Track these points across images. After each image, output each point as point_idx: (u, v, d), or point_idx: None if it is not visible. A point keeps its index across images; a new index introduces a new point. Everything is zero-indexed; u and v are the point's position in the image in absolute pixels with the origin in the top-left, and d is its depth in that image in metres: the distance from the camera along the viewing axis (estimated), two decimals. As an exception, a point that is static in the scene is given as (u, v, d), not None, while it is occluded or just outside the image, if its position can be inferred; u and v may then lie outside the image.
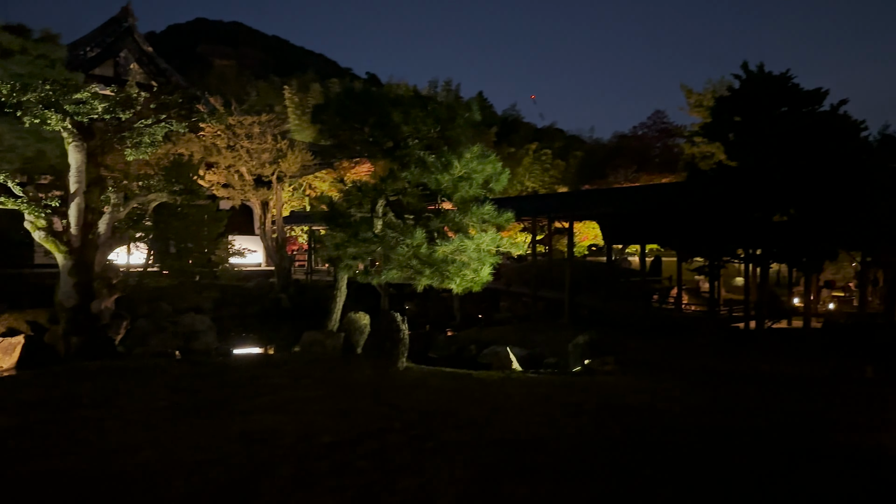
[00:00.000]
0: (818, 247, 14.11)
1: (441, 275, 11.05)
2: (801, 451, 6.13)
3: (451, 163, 10.86)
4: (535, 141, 53.02)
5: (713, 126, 15.13)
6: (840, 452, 6.12)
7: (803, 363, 11.15)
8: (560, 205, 21.18)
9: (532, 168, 51.53)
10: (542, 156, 52.10)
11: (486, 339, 16.48)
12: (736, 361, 12.53)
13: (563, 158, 54.85)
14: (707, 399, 8.84)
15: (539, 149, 51.93)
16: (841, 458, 5.95)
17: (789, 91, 14.25)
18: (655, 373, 11.18)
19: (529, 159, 51.27)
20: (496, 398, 8.32)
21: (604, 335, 16.40)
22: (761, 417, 7.76)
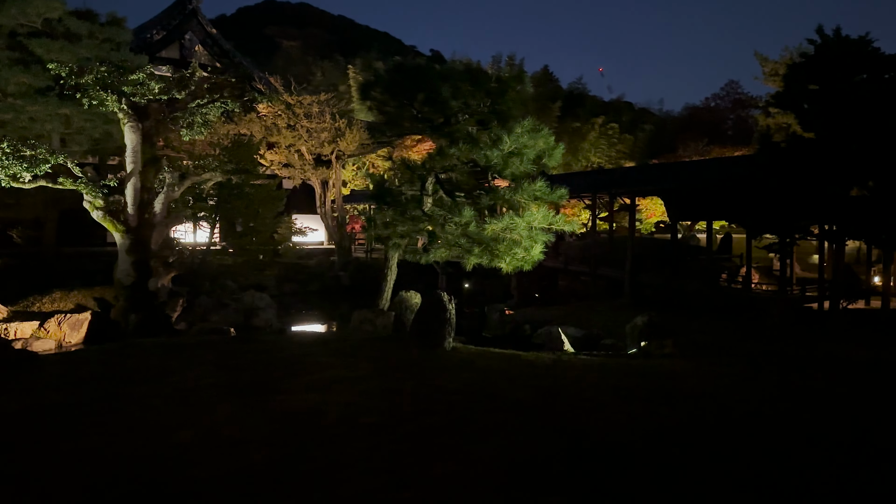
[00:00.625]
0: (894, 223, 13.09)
1: (490, 253, 10.82)
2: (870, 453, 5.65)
3: (501, 138, 10.54)
4: (602, 115, 51.74)
5: (786, 95, 14.16)
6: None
7: (879, 347, 10.38)
8: (621, 180, 20.47)
9: (598, 143, 50.35)
10: (609, 130, 50.83)
11: (542, 318, 16.17)
12: (806, 344, 11.82)
13: (631, 132, 53.34)
14: (770, 386, 8.33)
15: (605, 122, 50.67)
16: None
17: (869, 56, 13.15)
18: (718, 357, 10.65)
19: (595, 134, 50.09)
20: (543, 381, 8.07)
21: (665, 316, 15.87)
22: (827, 408, 7.24)
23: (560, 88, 62.40)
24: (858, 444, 5.78)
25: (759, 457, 5.27)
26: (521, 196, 11.32)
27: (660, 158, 45.08)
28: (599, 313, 16.80)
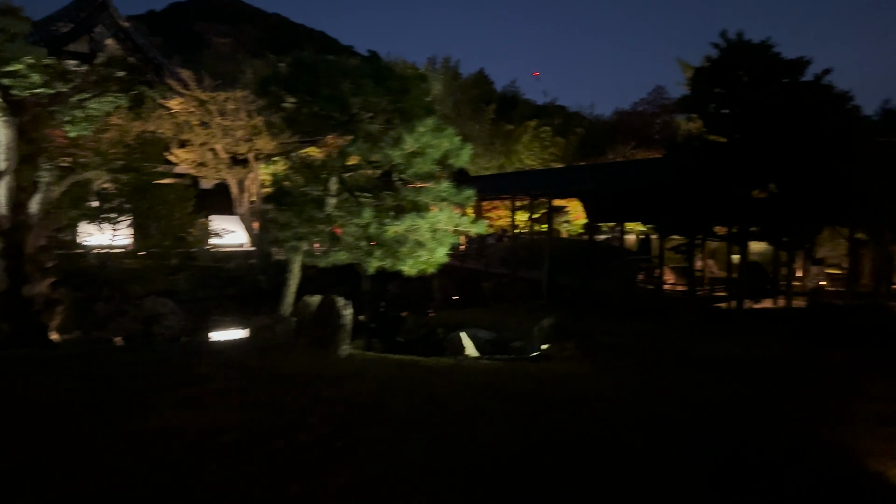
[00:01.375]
0: (799, 224, 13.45)
1: (393, 256, 10.49)
2: (743, 451, 5.60)
3: (402, 137, 10.22)
4: (535, 118, 52.15)
5: (693, 98, 14.39)
6: (784, 453, 5.60)
7: (776, 347, 10.59)
8: (540, 182, 20.50)
9: (531, 145, 50.77)
10: (542, 133, 51.30)
11: (457, 322, 15.94)
12: (709, 344, 11.98)
13: (564, 135, 54.00)
14: (663, 387, 8.30)
15: (538, 126, 51.14)
16: (783, 460, 5.43)
17: (769, 60, 13.48)
18: (620, 358, 10.64)
19: (529, 136, 50.52)
20: (434, 389, 7.79)
21: (579, 317, 15.95)
22: (716, 408, 7.24)
23: (495, 91, 62.73)
24: (726, 441, 5.72)
25: (632, 463, 5.12)
26: (426, 197, 11.04)
27: (589, 161, 45.88)
28: (515, 315, 16.70)
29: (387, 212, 10.97)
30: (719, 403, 7.52)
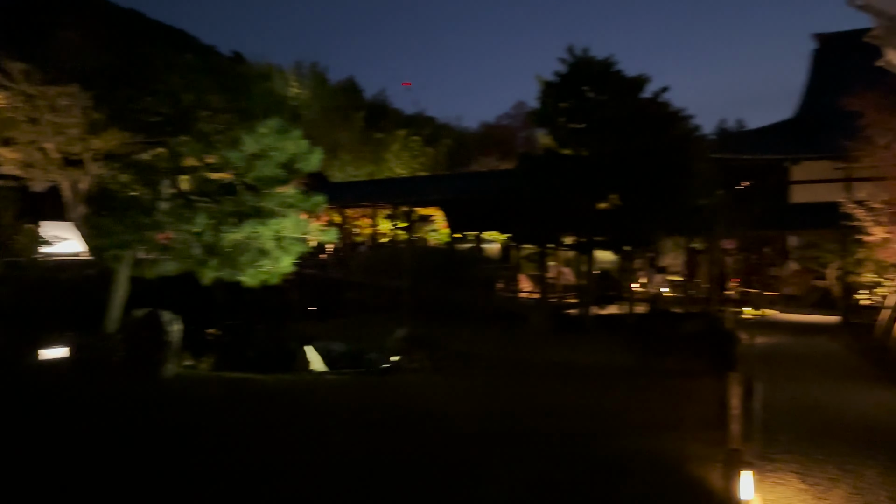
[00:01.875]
0: (638, 233, 14.16)
1: (231, 265, 9.76)
2: (575, 461, 5.57)
3: (241, 138, 9.55)
4: (405, 127, 52.18)
5: (542, 112, 14.79)
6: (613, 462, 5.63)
7: (616, 353, 10.98)
8: (401, 190, 20.32)
9: (401, 154, 50.67)
10: (412, 142, 51.36)
11: (314, 334, 15.29)
12: (557, 351, 12.22)
13: (433, 146, 54.41)
14: (508, 398, 8.26)
15: (408, 135, 51.18)
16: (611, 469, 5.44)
17: (612, 77, 14.15)
18: (470, 367, 10.56)
19: (398, 146, 50.38)
20: (265, 411, 7.23)
21: (435, 326, 15.82)
22: (556, 418, 7.24)
23: (364, 99, 62.22)
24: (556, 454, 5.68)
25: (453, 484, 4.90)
26: (270, 202, 10.40)
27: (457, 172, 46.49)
28: (375, 326, 16.29)
29: (227, 218, 10.19)
30: (560, 413, 7.55)
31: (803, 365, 10.90)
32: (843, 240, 16.48)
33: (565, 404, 7.94)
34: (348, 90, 57.33)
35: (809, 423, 7.16)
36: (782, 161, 24.92)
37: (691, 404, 7.74)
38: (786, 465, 5.81)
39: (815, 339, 13.79)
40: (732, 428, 6.17)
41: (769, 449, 6.23)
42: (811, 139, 22.58)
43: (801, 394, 8.56)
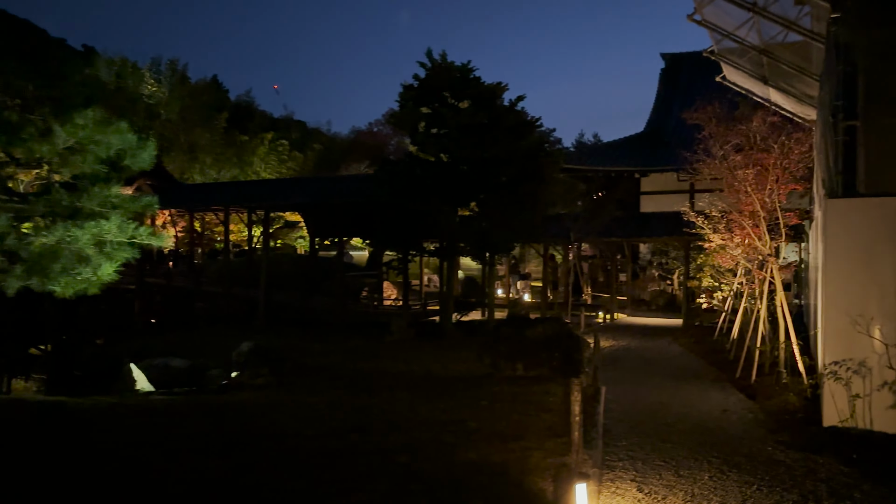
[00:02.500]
0: (495, 240, 14.20)
1: (40, 273, 8.50)
2: (416, 479, 5.17)
3: (53, 129, 8.35)
4: (273, 131, 50.33)
5: (401, 115, 14.49)
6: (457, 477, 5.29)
7: (471, 360, 10.81)
8: (258, 193, 19.24)
9: (268, 158, 48.79)
10: (279, 146, 49.61)
11: (154, 348, 14.00)
12: (414, 360, 11.90)
13: (302, 151, 52.87)
14: (354, 413, 7.76)
15: (275, 139, 49.38)
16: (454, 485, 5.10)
17: (471, 83, 14.12)
18: (320, 381, 9.95)
19: (265, 149, 48.47)
20: (77, 438, 6.25)
21: (291, 337, 15.07)
22: (403, 433, 6.84)
23: (229, 100, 59.50)
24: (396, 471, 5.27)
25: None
26: (90, 203, 9.21)
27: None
28: (225, 338, 15.19)
29: (36, 219, 8.93)
30: (407, 426, 7.16)
31: (647, 367, 11.30)
32: (686, 247, 17.55)
33: (414, 417, 7.57)
34: (211, 90, 54.56)
35: (650, 427, 7.25)
36: (633, 173, 26.42)
37: (538, 412, 7.64)
38: (625, 472, 5.75)
39: (660, 342, 14.48)
40: (573, 436, 6.04)
41: (610, 456, 6.18)
42: (658, 152, 24.05)
43: (643, 397, 8.75)
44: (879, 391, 6.13)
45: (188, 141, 43.19)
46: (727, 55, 11.74)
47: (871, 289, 6.23)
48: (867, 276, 6.27)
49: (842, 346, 6.35)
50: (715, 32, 10.56)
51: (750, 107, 13.05)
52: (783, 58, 10.14)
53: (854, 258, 6.37)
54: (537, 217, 15.19)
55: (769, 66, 11.05)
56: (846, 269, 6.41)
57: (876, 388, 6.15)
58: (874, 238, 6.27)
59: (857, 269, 6.34)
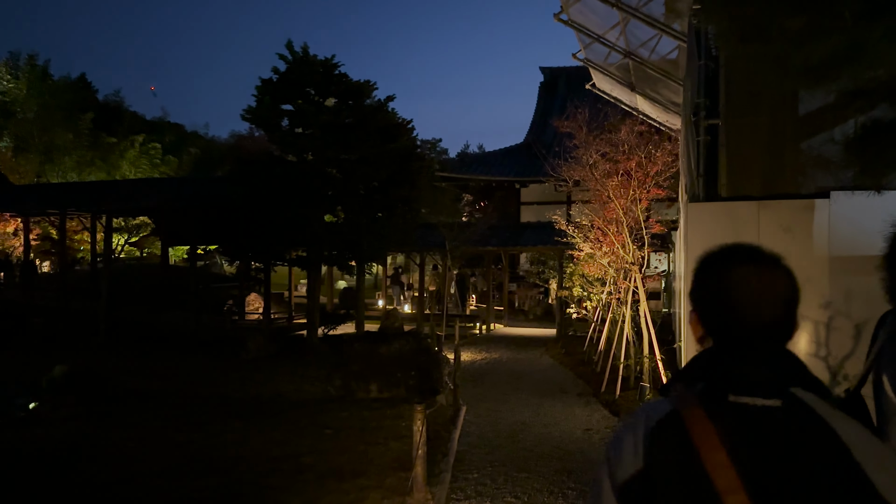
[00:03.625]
0: (363, 248, 13.25)
1: None
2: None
3: None
4: (144, 133, 46.78)
5: (257, 111, 13.22)
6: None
7: (326, 379, 9.75)
8: (97, 195, 17.11)
9: (139, 162, 45.29)
10: (151, 150, 46.19)
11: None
12: (265, 382, 10.68)
13: (177, 154, 49.57)
14: (172, 451, 6.54)
15: (147, 141, 45.94)
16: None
17: (337, 80, 13.12)
18: (142, 411, 8.54)
19: (135, 153, 44.97)
20: None
21: (132, 357, 13.38)
22: (213, 477, 5.72)
23: (96, 99, 55.00)
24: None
25: None
26: None
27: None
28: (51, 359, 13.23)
29: None
30: (234, 465, 6.06)
31: (515, 382, 10.74)
32: (559, 256, 17.40)
33: (241, 453, 6.46)
34: (76, 88, 50.18)
35: (507, 452, 6.56)
36: (513, 183, 26.39)
37: (387, 440, 6.76)
38: (471, 512, 4.97)
39: (532, 353, 14.07)
40: (415, 472, 5.20)
41: (456, 493, 5.39)
42: (536, 163, 24.09)
43: (506, 416, 8.10)
44: (741, 408, 5.75)
45: (45, 141, 39.33)
46: (595, 61, 11.52)
47: (732, 298, 5.85)
48: (728, 284, 5.89)
49: (704, 360, 5.92)
50: (582, 34, 10.25)
51: (619, 116, 13.01)
52: (649, 61, 9.95)
53: (715, 266, 5.98)
54: (409, 224, 14.39)
55: (635, 71, 10.89)
56: (708, 278, 6.01)
57: (737, 405, 5.76)
58: (735, 244, 5.91)
59: (718, 277, 5.94)
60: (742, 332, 1.13)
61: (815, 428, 1.04)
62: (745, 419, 1.05)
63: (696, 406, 1.08)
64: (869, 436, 1.07)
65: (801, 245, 5.76)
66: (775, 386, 1.08)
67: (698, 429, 1.05)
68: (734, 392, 1.08)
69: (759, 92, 5.79)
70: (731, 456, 1.01)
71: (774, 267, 1.17)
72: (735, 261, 1.20)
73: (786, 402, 1.06)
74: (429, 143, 47.03)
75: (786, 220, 5.80)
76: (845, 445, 1.02)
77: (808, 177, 5.82)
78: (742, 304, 1.13)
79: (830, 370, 5.65)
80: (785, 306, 1.14)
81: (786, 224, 5.79)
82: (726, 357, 1.13)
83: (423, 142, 46.01)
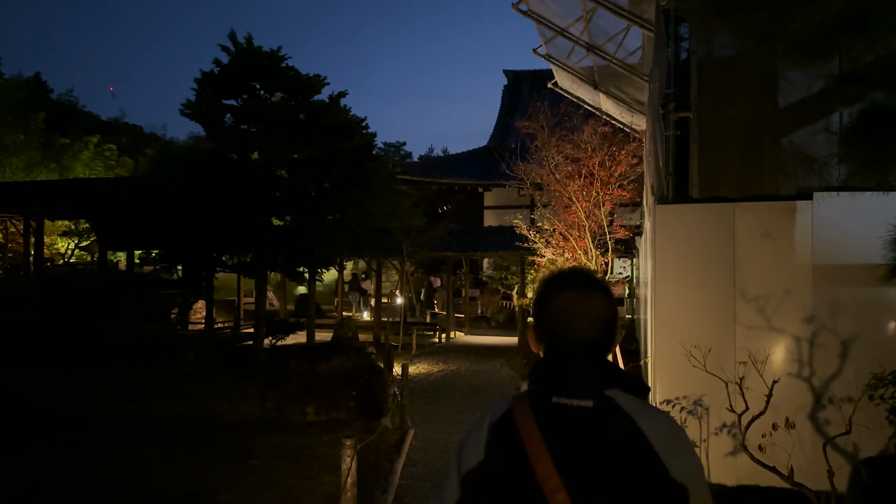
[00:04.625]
0: (312, 253, 12.40)
1: None
2: None
3: None
4: (100, 134, 45.03)
5: (196, 105, 12.27)
6: None
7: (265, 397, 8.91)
8: (30, 197, 15.90)
9: (94, 164, 43.52)
10: (107, 151, 44.47)
11: None
12: (198, 399, 9.76)
13: (134, 156, 47.89)
14: (52, 488, 5.65)
15: (102, 143, 44.21)
16: None
17: (284, 73, 12.25)
18: (52, 435, 7.60)
19: (89, 154, 43.23)
20: None
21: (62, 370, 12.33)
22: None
23: (50, 99, 52.98)
24: None
25: None
26: None
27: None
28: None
29: None
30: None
31: (472, 398, 10.01)
32: (521, 262, 16.79)
33: (149, 489, 5.61)
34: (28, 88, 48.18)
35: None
36: (476, 187, 25.77)
37: (321, 472, 5.96)
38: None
39: (492, 365, 13.38)
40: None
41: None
42: (499, 166, 23.52)
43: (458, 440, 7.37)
44: (717, 435, 5.10)
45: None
46: (558, 58, 10.91)
47: (707, 314, 5.23)
48: (702, 299, 5.26)
49: (675, 381, 5.28)
50: (543, 27, 9.61)
51: (581, 117, 12.48)
52: (614, 57, 9.36)
53: (687, 278, 5.34)
54: (363, 228, 13.59)
55: (599, 69, 10.29)
56: (677, 291, 5.37)
57: (714, 432, 5.11)
58: (709, 253, 5.28)
59: (689, 291, 5.31)
60: (566, 345, 1.30)
61: (622, 422, 1.20)
62: (563, 417, 1.21)
63: (525, 406, 1.25)
64: (668, 427, 1.24)
65: (782, 252, 5.16)
66: (591, 389, 1.23)
67: (525, 426, 1.22)
68: (556, 395, 1.24)
69: (734, 81, 5.19)
70: (549, 448, 1.17)
71: (596, 292, 1.33)
72: (563, 286, 1.35)
73: (597, 402, 1.22)
74: (392, 145, 46.20)
75: (764, 225, 5.19)
76: (646, 437, 1.19)
77: (789, 176, 5.22)
78: (567, 323, 1.30)
79: (814, 392, 5.06)
80: (603, 325, 1.30)
81: (765, 229, 5.19)
82: (554, 365, 1.30)
83: (387, 145, 45.16)
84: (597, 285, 1.33)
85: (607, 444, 1.17)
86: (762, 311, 5.08)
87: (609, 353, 1.31)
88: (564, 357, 1.28)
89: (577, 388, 1.22)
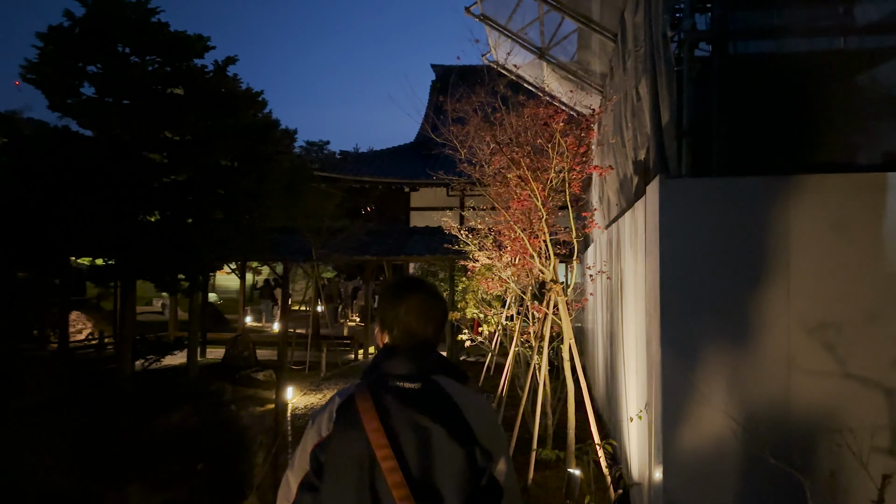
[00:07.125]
0: (191, 256, 9.95)
1: None
2: None
3: None
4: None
5: (42, 69, 9.55)
6: None
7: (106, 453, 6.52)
8: None
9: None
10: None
11: None
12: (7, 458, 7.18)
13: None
14: None
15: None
16: None
17: (154, 30, 9.72)
18: None
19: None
20: None
21: None
22: None
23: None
24: None
25: None
26: None
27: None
28: None
29: None
30: None
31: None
32: (450, 267, 14.79)
33: None
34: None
35: None
36: (402, 186, 23.66)
37: None
38: None
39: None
40: None
41: None
42: (427, 165, 21.49)
43: None
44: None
45: None
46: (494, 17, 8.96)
47: (744, 349, 3.29)
48: (735, 326, 3.33)
49: (694, 443, 3.32)
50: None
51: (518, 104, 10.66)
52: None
53: (712, 294, 3.39)
54: (258, 226, 11.24)
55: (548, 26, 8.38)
56: (691, 315, 3.41)
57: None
58: (745, 252, 3.35)
59: (713, 312, 3.36)
60: (412, 338, 1.61)
61: (442, 399, 1.51)
62: (396, 397, 1.50)
63: (365, 391, 1.52)
64: (478, 402, 1.58)
65: (861, 253, 3.31)
66: (420, 375, 1.54)
67: (363, 405, 1.49)
68: (393, 380, 1.53)
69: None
70: (382, 423, 1.46)
71: (439, 298, 1.69)
72: (415, 290, 1.68)
73: (423, 385, 1.53)
74: (315, 144, 43.43)
75: (834, 210, 3.32)
76: (460, 409, 1.50)
77: (870, 136, 3.39)
78: (416, 320, 1.61)
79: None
80: (438, 325, 1.66)
81: (834, 216, 3.31)
82: (393, 356, 1.57)
83: (310, 143, 42.39)
84: (439, 293, 1.71)
85: (428, 416, 1.47)
86: (832, 350, 3.20)
87: (437, 346, 1.64)
88: (409, 347, 1.59)
89: (410, 375, 1.53)
